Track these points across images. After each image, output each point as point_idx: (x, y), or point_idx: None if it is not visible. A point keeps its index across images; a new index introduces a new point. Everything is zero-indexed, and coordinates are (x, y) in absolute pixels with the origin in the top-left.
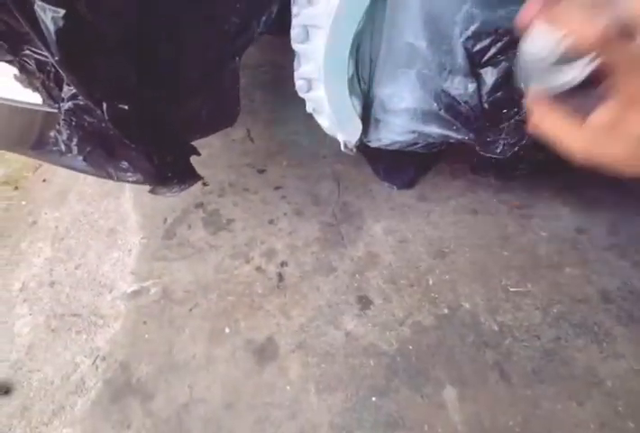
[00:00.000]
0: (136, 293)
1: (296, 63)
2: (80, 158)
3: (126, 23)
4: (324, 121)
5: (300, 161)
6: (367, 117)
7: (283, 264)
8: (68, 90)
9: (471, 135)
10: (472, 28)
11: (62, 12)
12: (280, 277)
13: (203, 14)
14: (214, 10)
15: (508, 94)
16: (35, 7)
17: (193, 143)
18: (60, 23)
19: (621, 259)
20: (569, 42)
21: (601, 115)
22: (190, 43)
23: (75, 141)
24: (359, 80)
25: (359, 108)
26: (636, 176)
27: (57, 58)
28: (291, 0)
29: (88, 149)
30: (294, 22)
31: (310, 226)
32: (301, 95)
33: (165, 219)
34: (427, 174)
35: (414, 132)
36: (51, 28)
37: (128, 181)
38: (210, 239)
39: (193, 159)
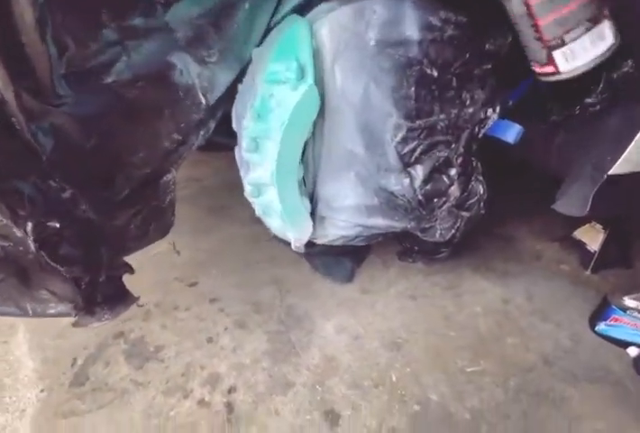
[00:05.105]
0: None
1: (243, 171)
2: None
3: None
4: (274, 222)
5: (234, 269)
6: (312, 216)
7: (231, 390)
8: None
9: (412, 224)
10: (400, 135)
11: None
12: (230, 407)
13: (147, 133)
14: (159, 132)
15: (436, 186)
16: None
17: None
18: None
19: (545, 322)
20: None
21: None
22: (128, 160)
23: None
24: (304, 182)
25: (309, 207)
26: None
27: None
28: (234, 114)
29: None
30: (244, 133)
31: (256, 338)
32: (251, 199)
33: (74, 360)
34: (362, 267)
35: (359, 225)
36: None
37: (47, 315)
38: (135, 375)
39: None
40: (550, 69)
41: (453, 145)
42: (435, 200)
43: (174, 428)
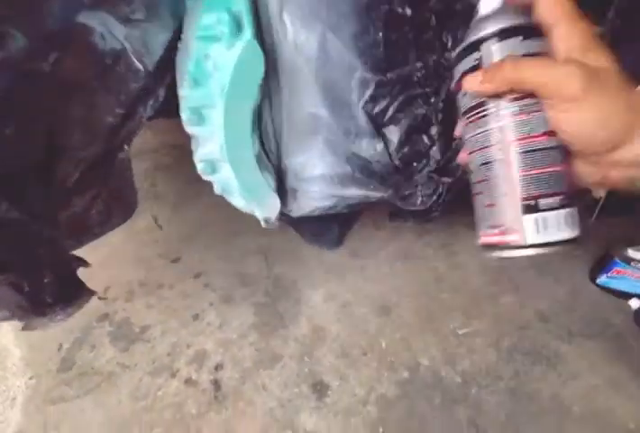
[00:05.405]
0: None
1: (193, 146)
2: None
3: None
4: (237, 201)
5: (219, 241)
6: (283, 189)
7: (218, 367)
8: None
9: (390, 192)
10: (368, 92)
11: None
12: (217, 385)
13: (80, 111)
14: (95, 107)
15: (415, 148)
16: None
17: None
18: None
19: (543, 277)
20: None
21: None
22: (65, 143)
23: None
24: (266, 154)
25: (272, 183)
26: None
27: None
28: (177, 80)
29: None
30: (183, 104)
31: (243, 312)
32: (205, 178)
33: (60, 346)
34: (352, 229)
35: (333, 196)
36: None
37: None
38: (122, 358)
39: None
40: (514, 236)
41: (433, 99)
42: (415, 164)
43: (161, 409)
